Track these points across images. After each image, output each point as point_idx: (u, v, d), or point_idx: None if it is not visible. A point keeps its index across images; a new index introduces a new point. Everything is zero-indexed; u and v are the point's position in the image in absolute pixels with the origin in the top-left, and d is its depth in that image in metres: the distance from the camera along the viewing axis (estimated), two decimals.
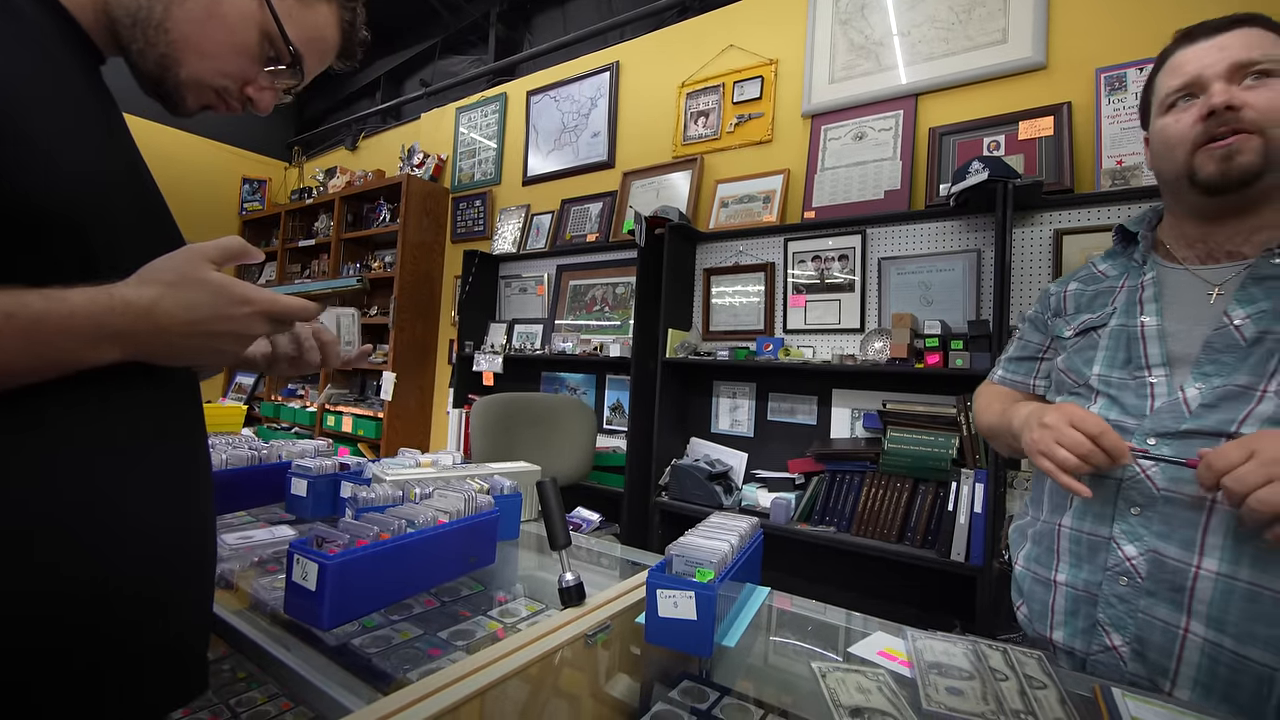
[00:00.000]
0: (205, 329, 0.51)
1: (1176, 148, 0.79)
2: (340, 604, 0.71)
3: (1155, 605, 0.71)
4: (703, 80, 2.66)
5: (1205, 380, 0.72)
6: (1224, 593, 0.66)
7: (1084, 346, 0.86)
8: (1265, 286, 0.72)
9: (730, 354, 2.22)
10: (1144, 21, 1.76)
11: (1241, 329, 0.71)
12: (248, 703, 1.17)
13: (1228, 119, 0.73)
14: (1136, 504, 0.73)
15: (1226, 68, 0.74)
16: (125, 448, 0.53)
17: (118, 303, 0.47)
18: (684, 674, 0.67)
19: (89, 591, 0.50)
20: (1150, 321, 0.79)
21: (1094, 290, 0.90)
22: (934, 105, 2.11)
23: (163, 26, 0.56)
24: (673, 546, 0.73)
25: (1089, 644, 0.77)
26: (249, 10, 0.58)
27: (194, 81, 0.60)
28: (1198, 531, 0.68)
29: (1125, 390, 0.78)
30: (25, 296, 0.43)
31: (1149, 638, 0.71)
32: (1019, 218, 1.82)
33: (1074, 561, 0.80)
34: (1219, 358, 0.72)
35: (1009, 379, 1.01)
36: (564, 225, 3.05)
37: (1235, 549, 0.66)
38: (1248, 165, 0.73)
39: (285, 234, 4.29)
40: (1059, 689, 0.60)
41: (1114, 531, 0.75)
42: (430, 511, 0.86)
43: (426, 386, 3.55)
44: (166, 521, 0.57)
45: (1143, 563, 0.72)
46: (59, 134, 0.49)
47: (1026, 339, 1.00)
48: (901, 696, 0.60)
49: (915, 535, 1.79)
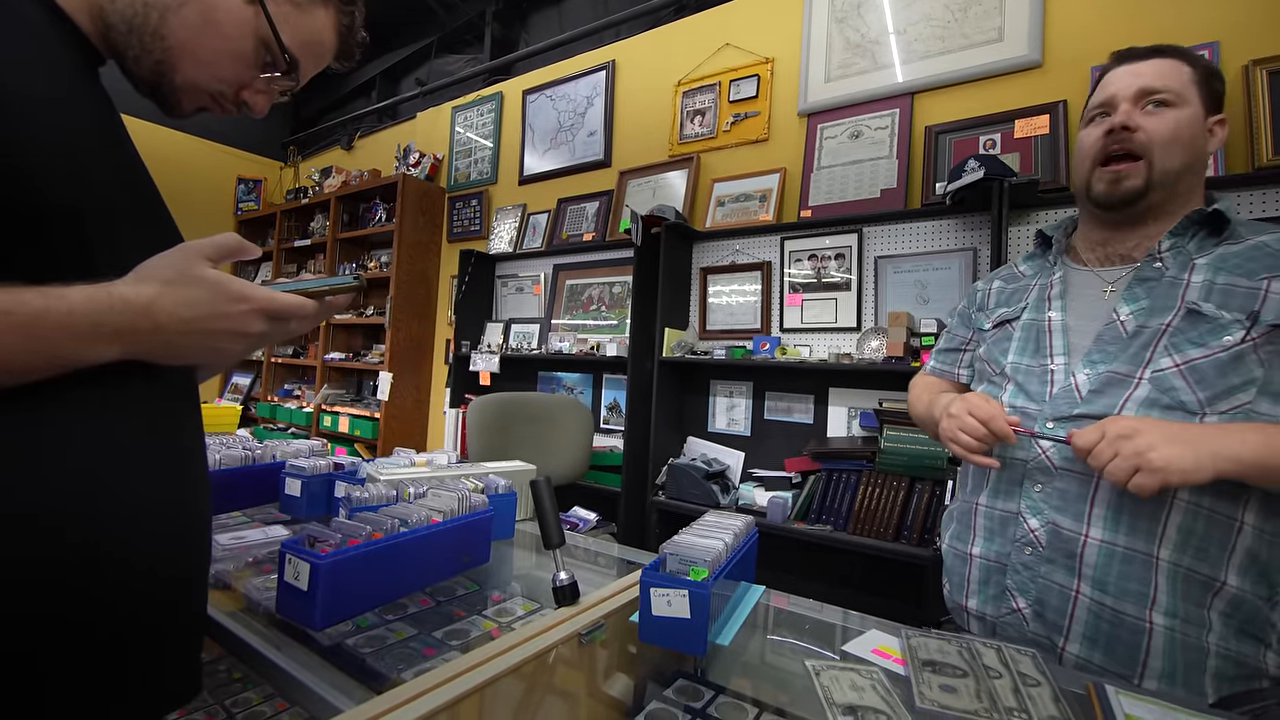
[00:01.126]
0: (202, 326, 0.51)
1: (1083, 160, 0.90)
2: (333, 604, 0.71)
3: (1053, 571, 0.80)
4: (699, 79, 2.65)
5: (1092, 367, 0.82)
6: (1105, 556, 0.76)
7: (1000, 338, 0.96)
8: (1146, 286, 0.82)
9: (727, 353, 2.22)
10: (1139, 20, 1.76)
11: (1125, 323, 0.81)
12: (243, 703, 1.16)
13: (1122, 138, 0.84)
14: (1039, 481, 0.83)
15: (1134, 92, 0.85)
16: (122, 445, 0.53)
17: (116, 301, 0.47)
18: (679, 672, 0.67)
19: (77, 585, 0.50)
20: (1056, 316, 0.89)
21: (1013, 288, 1.00)
22: (930, 103, 2.11)
23: (159, 33, 0.56)
24: (666, 545, 0.73)
25: (998, 608, 0.85)
26: (244, 17, 0.58)
27: (190, 86, 0.60)
28: (1086, 504, 0.78)
29: (1031, 377, 0.88)
30: (23, 294, 0.43)
31: (1047, 600, 0.80)
32: (1014, 216, 1.82)
33: (987, 535, 0.89)
34: (1106, 348, 0.82)
35: (938, 369, 1.11)
36: (560, 224, 3.04)
37: (1114, 518, 0.76)
38: (1132, 188, 0.84)
39: (281, 234, 4.28)
40: (1053, 686, 0.60)
41: (1020, 506, 0.84)
42: (424, 511, 0.86)
43: (423, 386, 3.55)
44: (161, 520, 0.57)
45: (1043, 533, 0.81)
46: (55, 131, 0.49)
47: (954, 332, 1.10)
48: (895, 694, 0.60)
49: (911, 534, 1.79)
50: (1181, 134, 0.82)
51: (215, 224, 4.57)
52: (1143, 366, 0.77)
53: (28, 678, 0.47)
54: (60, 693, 0.49)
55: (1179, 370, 0.75)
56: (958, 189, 1.76)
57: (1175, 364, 0.75)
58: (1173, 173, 0.83)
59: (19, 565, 0.47)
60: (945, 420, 0.88)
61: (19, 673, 0.47)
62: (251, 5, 0.58)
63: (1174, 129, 0.82)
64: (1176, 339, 0.76)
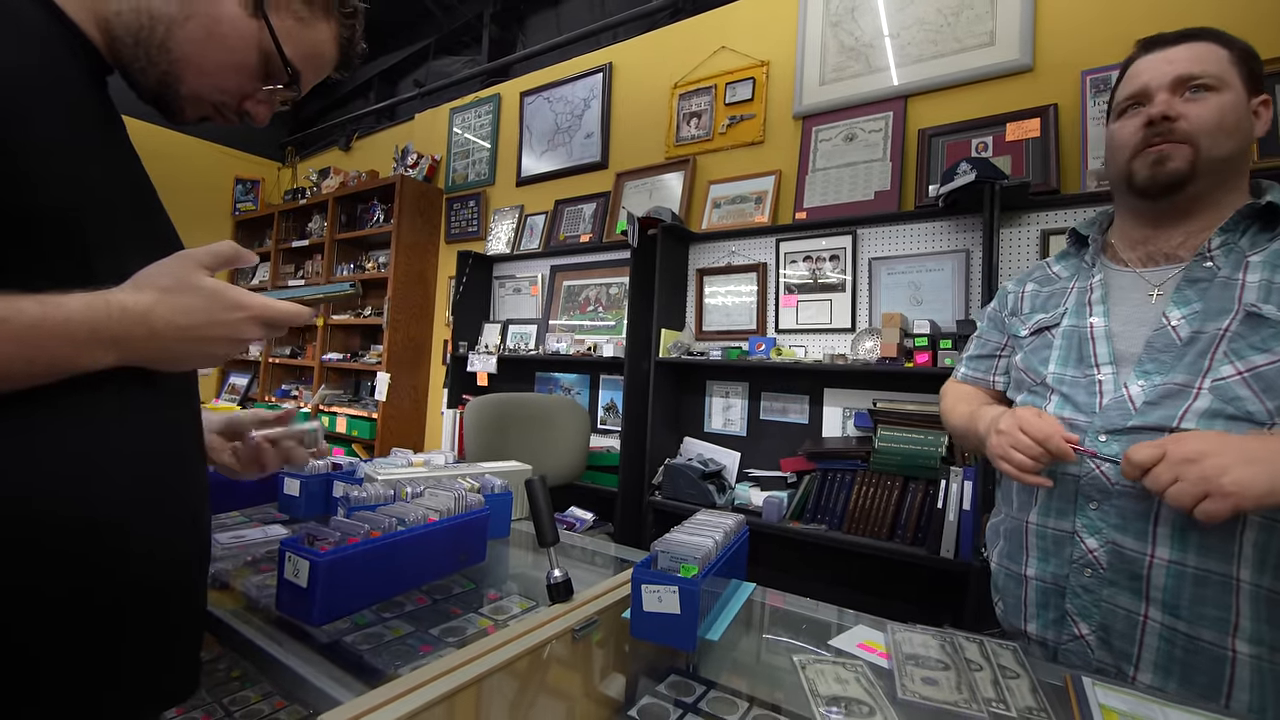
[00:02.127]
0: (199, 334, 0.53)
1: (1119, 151, 0.84)
2: (331, 600, 0.73)
3: (1117, 594, 0.75)
4: (695, 81, 2.67)
5: (1147, 378, 0.76)
6: (1176, 578, 0.70)
7: (1039, 346, 0.90)
8: (1198, 288, 0.77)
9: (723, 354, 2.23)
10: (1129, 25, 1.78)
11: (1177, 329, 0.75)
12: (241, 701, 1.17)
13: (1164, 128, 0.78)
14: (1093, 499, 0.77)
15: (1170, 80, 0.79)
16: (120, 449, 0.54)
17: (114, 309, 0.48)
18: (671, 668, 0.69)
19: (74, 585, 0.51)
20: (1098, 322, 0.83)
21: (1048, 291, 0.94)
22: (923, 107, 2.13)
23: (164, 46, 0.57)
24: (658, 543, 0.75)
25: (1060, 634, 0.80)
26: (249, 31, 0.59)
27: (194, 96, 0.61)
28: (1149, 523, 0.72)
29: (1077, 388, 0.82)
30: (20, 302, 0.44)
31: (1113, 625, 0.75)
32: (1006, 218, 1.84)
33: (1041, 555, 0.83)
34: (1159, 357, 0.76)
35: (971, 376, 1.05)
36: (558, 226, 3.06)
37: (1182, 537, 0.70)
38: (1176, 171, 0.78)
39: (278, 234, 4.29)
40: (1031, 678, 0.62)
41: (1076, 525, 0.79)
42: (421, 510, 0.88)
43: (421, 387, 3.56)
44: (162, 519, 0.58)
45: (1103, 554, 0.76)
46: (57, 136, 0.50)
47: (985, 337, 1.04)
48: (878, 686, 0.62)
49: (905, 533, 1.81)
50: (1227, 120, 0.76)
51: (213, 224, 4.58)
52: (1202, 375, 0.71)
53: (18, 660, 0.48)
54: (52, 675, 0.50)
55: (1243, 378, 0.69)
56: (950, 191, 1.78)
57: (1238, 371, 0.69)
58: (1220, 160, 0.77)
59: (12, 547, 0.47)
60: (994, 437, 0.81)
61: (8, 654, 0.48)
62: (255, 20, 0.59)
63: (1219, 115, 0.76)
64: (1237, 344, 0.70)
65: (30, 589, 0.48)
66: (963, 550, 1.66)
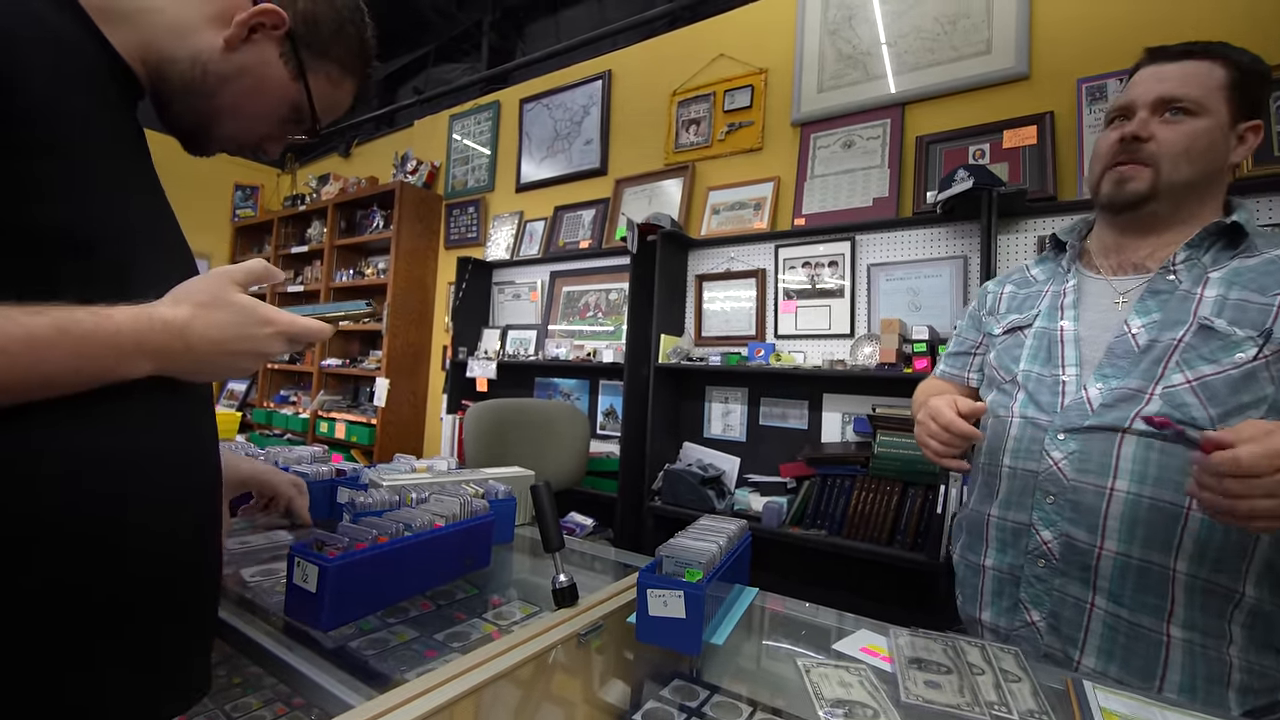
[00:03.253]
0: (231, 348, 0.55)
1: (1095, 162, 0.89)
2: (340, 606, 0.73)
3: (1068, 584, 0.79)
4: (694, 89, 2.69)
5: (1105, 381, 0.80)
6: (1121, 569, 0.75)
7: (1011, 345, 0.94)
8: (1159, 299, 0.81)
9: (722, 359, 2.24)
10: (1124, 33, 1.80)
11: (1137, 336, 0.79)
12: (243, 708, 1.17)
13: (1132, 148, 0.82)
14: (1050, 493, 0.81)
15: (1153, 99, 0.82)
16: (150, 453, 0.55)
17: (156, 321, 0.51)
18: (675, 673, 0.69)
19: (109, 583, 0.52)
20: (1068, 325, 0.87)
21: (1025, 293, 0.98)
22: (920, 114, 2.15)
23: (213, 96, 0.61)
24: (663, 548, 0.75)
25: (1012, 621, 0.85)
26: (289, 89, 0.65)
27: (222, 137, 0.66)
28: (1099, 517, 0.77)
29: (1042, 387, 0.86)
30: (76, 313, 0.46)
31: (1062, 613, 0.80)
32: (1003, 225, 1.86)
33: (999, 546, 0.88)
34: (1118, 362, 0.80)
35: (947, 372, 1.10)
36: (557, 232, 3.07)
37: (1129, 531, 0.75)
38: (1134, 192, 0.83)
39: (278, 240, 4.30)
40: (1032, 681, 0.63)
41: (1033, 518, 0.83)
42: (427, 515, 0.88)
43: (420, 392, 3.56)
44: (187, 521, 0.60)
45: (1056, 545, 0.80)
46: (95, 158, 0.52)
47: (964, 335, 1.08)
48: (882, 690, 0.62)
49: (905, 538, 1.81)
50: (1196, 145, 0.79)
51: (213, 230, 4.59)
52: (1154, 382, 0.75)
53: (59, 655, 0.49)
54: (89, 671, 0.51)
55: (1190, 386, 0.73)
56: (948, 198, 1.80)
57: (1187, 380, 0.73)
58: (1180, 185, 0.81)
59: (52, 545, 0.48)
60: (916, 428, 0.88)
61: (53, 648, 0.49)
62: (296, 83, 0.65)
63: (1188, 141, 0.79)
64: (1189, 355, 0.74)
65: (69, 585, 0.49)
66: None
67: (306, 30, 0.64)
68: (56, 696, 0.49)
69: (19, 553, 0.47)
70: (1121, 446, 0.76)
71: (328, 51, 0.67)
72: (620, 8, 3.15)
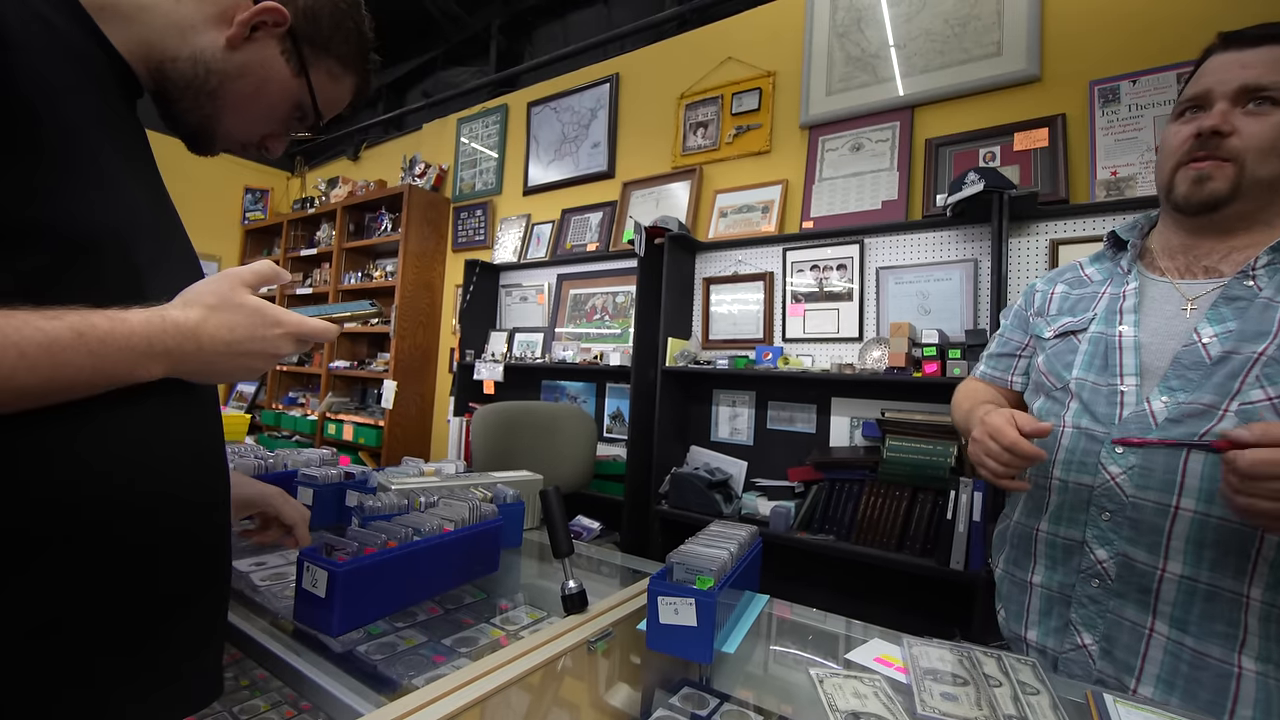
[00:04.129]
0: (241, 349, 0.55)
1: (1166, 159, 0.81)
2: (349, 610, 0.73)
3: (1124, 606, 0.74)
4: (701, 92, 2.69)
5: (1171, 395, 0.74)
6: (1186, 594, 0.70)
7: (1063, 350, 0.87)
8: (1235, 307, 0.73)
9: (730, 362, 2.23)
10: (1137, 35, 1.79)
11: (1208, 347, 0.72)
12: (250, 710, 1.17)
13: (1211, 144, 0.75)
14: (1106, 509, 0.76)
15: (1235, 89, 0.74)
16: (157, 453, 0.56)
17: (168, 323, 0.51)
18: (684, 680, 0.68)
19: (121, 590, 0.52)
20: (1128, 331, 0.81)
21: (1078, 294, 0.91)
22: (930, 117, 2.14)
23: (215, 95, 0.62)
24: (674, 554, 0.74)
25: (1061, 643, 0.80)
26: (291, 86, 0.66)
27: (226, 136, 0.66)
28: (1163, 536, 0.71)
29: (1098, 397, 0.80)
30: (92, 317, 0.46)
31: (1117, 637, 0.75)
32: (1015, 228, 1.84)
33: (1049, 564, 0.83)
34: (1186, 374, 0.73)
35: (989, 374, 1.04)
36: (564, 235, 3.07)
37: (1197, 553, 0.69)
38: (1214, 192, 0.75)
39: (287, 243, 4.32)
40: (1051, 694, 0.62)
41: (1086, 535, 0.78)
42: (436, 520, 0.88)
43: (427, 394, 3.57)
44: (203, 522, 0.60)
45: (1113, 565, 0.75)
46: (98, 156, 0.52)
47: (1008, 336, 1.02)
48: (897, 702, 0.61)
49: (914, 544, 1.80)
50: None
51: (223, 233, 4.62)
52: (1230, 398, 0.69)
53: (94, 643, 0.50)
54: (114, 664, 0.51)
55: (1272, 404, 0.66)
56: (958, 201, 1.79)
57: (1268, 397, 0.67)
58: (1265, 183, 0.74)
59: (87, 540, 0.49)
60: (971, 445, 0.81)
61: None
62: (298, 79, 0.65)
63: (1276, 134, 0.72)
64: (1271, 369, 0.67)
65: (99, 586, 0.50)
66: (973, 562, 1.65)
67: (307, 26, 0.64)
68: (86, 692, 0.50)
69: (48, 554, 0.47)
70: (1188, 462, 0.70)
71: (328, 46, 0.67)
72: (628, 11, 3.15)
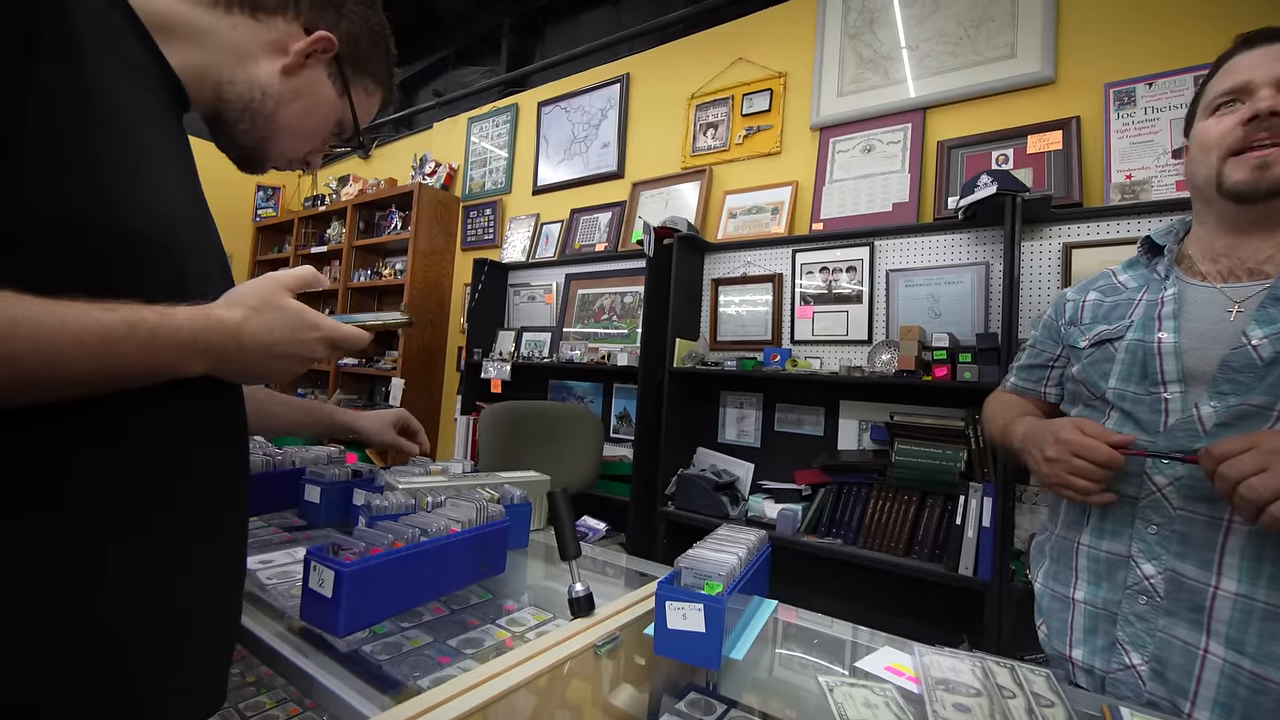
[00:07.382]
0: (279, 350, 0.57)
1: (1212, 150, 0.78)
2: (356, 610, 0.73)
3: (1174, 624, 0.71)
4: (712, 92, 2.68)
5: (1221, 399, 0.71)
6: (1243, 613, 0.66)
7: (1099, 359, 0.85)
8: None
9: (737, 364, 2.22)
10: (1153, 37, 1.76)
11: (1259, 349, 0.70)
12: (256, 707, 1.17)
13: (1272, 125, 0.72)
14: (1153, 522, 0.74)
15: (1276, 77, 0.73)
16: (185, 452, 0.56)
17: (213, 322, 0.52)
18: (691, 686, 0.68)
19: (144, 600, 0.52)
20: (1167, 338, 0.78)
21: (1112, 301, 0.89)
22: (942, 119, 2.12)
23: (272, 118, 0.65)
24: (682, 559, 0.74)
25: (1108, 662, 0.77)
26: (336, 106, 0.70)
27: (279, 156, 0.70)
28: (1215, 552, 0.69)
29: (1140, 405, 0.78)
30: (143, 311, 0.48)
31: (1168, 657, 0.71)
32: (1028, 231, 1.82)
33: (1093, 579, 0.80)
34: (1236, 377, 0.71)
35: (1020, 386, 1.02)
36: (573, 234, 3.07)
37: (1253, 569, 0.66)
38: (1278, 176, 0.72)
39: (298, 240, 4.35)
40: (1067, 708, 0.60)
41: (1132, 549, 0.76)
42: (443, 520, 0.87)
43: (435, 393, 3.58)
44: (221, 523, 0.61)
45: (1161, 581, 0.72)
46: (160, 164, 0.53)
47: (1040, 346, 1.00)
48: (909, 712, 0.60)
49: (923, 548, 1.78)
50: None
51: (234, 230, 4.65)
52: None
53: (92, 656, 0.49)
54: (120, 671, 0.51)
55: None
56: (970, 204, 1.77)
57: None
58: None
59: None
60: (1046, 466, 0.78)
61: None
62: (341, 99, 0.70)
63: None
64: None
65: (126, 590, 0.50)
66: (981, 568, 1.64)
67: (350, 49, 0.68)
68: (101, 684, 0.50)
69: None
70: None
71: (366, 67, 0.71)
72: (639, 11, 3.14)
